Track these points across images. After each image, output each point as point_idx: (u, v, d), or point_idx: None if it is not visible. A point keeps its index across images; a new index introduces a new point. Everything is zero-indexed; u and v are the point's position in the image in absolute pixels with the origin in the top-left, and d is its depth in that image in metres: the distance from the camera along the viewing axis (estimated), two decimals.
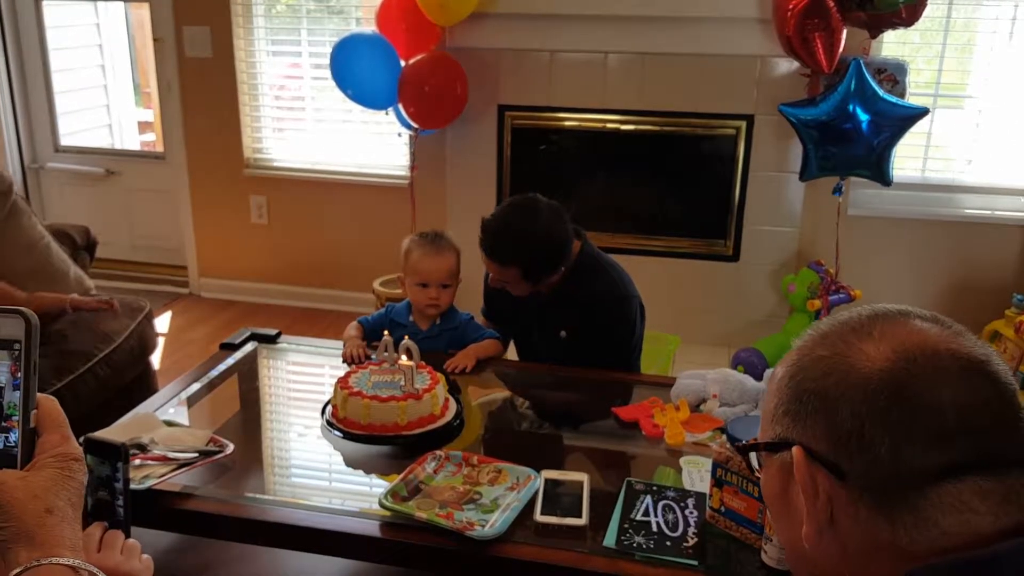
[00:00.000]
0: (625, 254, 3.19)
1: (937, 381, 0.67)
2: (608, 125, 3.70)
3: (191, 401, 2.04)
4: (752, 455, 0.80)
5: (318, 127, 4.25)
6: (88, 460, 1.04)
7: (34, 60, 4.51)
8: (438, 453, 1.70)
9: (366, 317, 2.42)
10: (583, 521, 1.51)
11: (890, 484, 0.66)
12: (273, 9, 4.16)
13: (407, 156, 3.88)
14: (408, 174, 3.90)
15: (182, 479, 1.62)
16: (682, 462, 1.74)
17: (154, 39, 4.23)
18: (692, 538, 1.47)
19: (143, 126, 5.63)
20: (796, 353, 0.75)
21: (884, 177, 3.18)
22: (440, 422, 1.86)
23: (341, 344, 2.30)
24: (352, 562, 1.65)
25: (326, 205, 4.21)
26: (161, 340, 3.56)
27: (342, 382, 1.89)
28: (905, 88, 3.15)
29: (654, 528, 1.49)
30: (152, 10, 4.18)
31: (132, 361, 2.78)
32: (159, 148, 4.79)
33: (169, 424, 1.82)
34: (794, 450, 0.71)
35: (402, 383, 1.88)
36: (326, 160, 4.21)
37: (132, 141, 5.10)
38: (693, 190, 3.76)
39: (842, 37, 3.01)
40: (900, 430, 0.66)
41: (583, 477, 1.62)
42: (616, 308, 2.26)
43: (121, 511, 1.02)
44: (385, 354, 1.98)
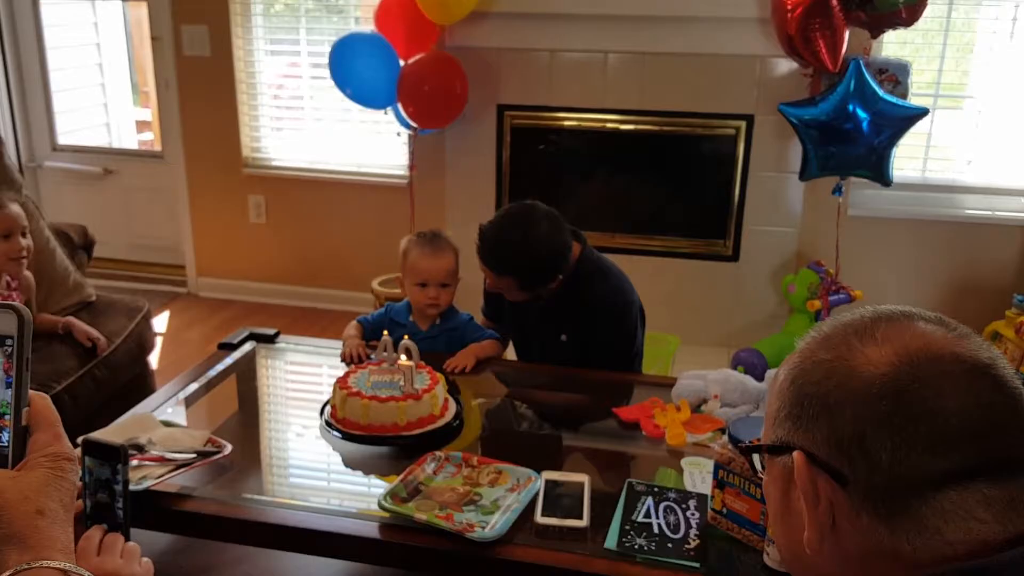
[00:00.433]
0: (624, 254, 3.18)
1: (940, 385, 0.65)
2: (608, 125, 3.69)
3: (189, 401, 2.02)
4: (755, 457, 0.79)
5: (317, 126, 4.23)
6: (87, 462, 1.03)
7: (31, 58, 4.50)
8: (438, 454, 1.69)
9: (366, 317, 2.41)
10: (584, 523, 1.50)
11: (892, 491, 0.65)
12: (272, 8, 4.15)
13: (406, 156, 3.87)
14: (407, 174, 3.89)
15: (180, 480, 1.61)
16: (683, 463, 1.73)
17: (152, 38, 4.22)
18: (694, 540, 1.46)
19: (141, 125, 5.62)
20: (798, 355, 0.74)
21: (884, 177, 3.17)
22: (440, 422, 1.85)
23: (340, 344, 2.29)
24: (351, 564, 1.64)
25: (325, 204, 4.20)
26: (159, 340, 3.54)
27: (341, 382, 1.88)
28: (907, 89, 3.14)
29: (655, 530, 1.48)
30: (150, 8, 4.16)
31: (130, 362, 2.77)
32: (157, 147, 4.77)
33: (167, 424, 1.80)
34: (795, 455, 0.70)
35: (401, 383, 1.87)
36: (325, 159, 4.19)
37: (130, 140, 5.08)
38: (693, 190, 3.74)
39: (845, 37, 3.00)
40: (902, 436, 0.64)
41: (584, 478, 1.61)
42: (616, 317, 2.25)
43: (121, 514, 1.01)
44: (384, 354, 1.97)
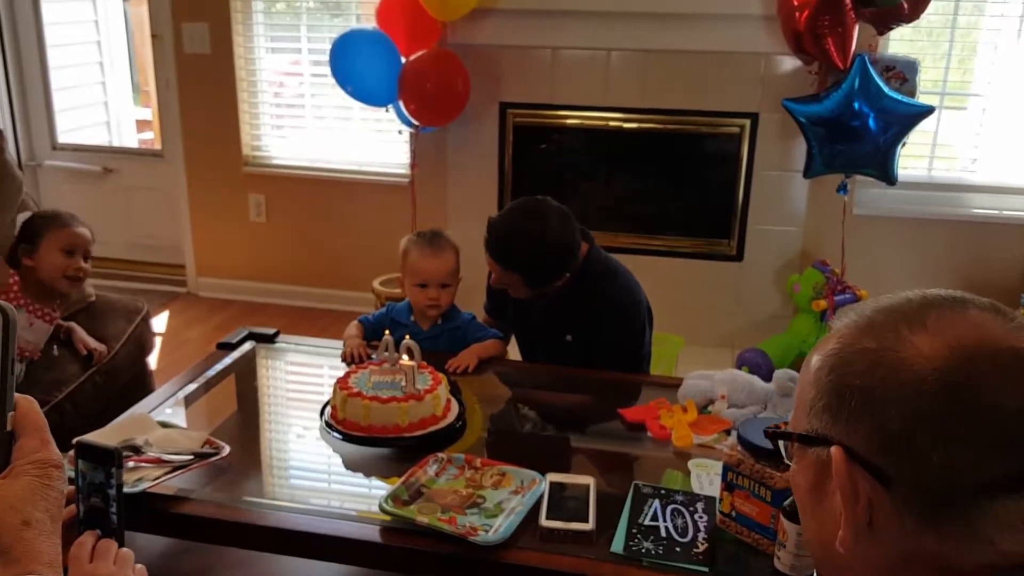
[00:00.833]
0: (627, 254, 3.14)
1: (998, 382, 0.61)
2: (611, 123, 3.66)
3: (187, 402, 1.99)
4: (781, 442, 0.74)
5: (317, 124, 4.21)
6: (80, 465, 1.00)
7: (32, 57, 4.47)
8: (440, 456, 1.66)
9: (367, 316, 2.38)
10: (590, 526, 1.47)
11: (940, 494, 0.61)
12: (273, 6, 4.12)
13: (407, 154, 3.84)
14: (408, 172, 3.86)
15: (177, 482, 1.58)
16: (691, 465, 1.70)
17: (152, 35, 4.20)
18: (702, 544, 1.43)
19: (142, 125, 5.59)
20: (837, 341, 0.68)
21: (889, 176, 3.14)
22: (442, 423, 1.82)
23: (340, 343, 2.26)
24: (352, 568, 1.60)
25: (326, 203, 4.17)
26: (158, 340, 3.51)
27: (341, 382, 1.85)
28: (916, 87, 3.11)
29: (663, 533, 1.45)
30: (150, 6, 4.13)
31: (129, 365, 2.74)
32: (157, 146, 4.75)
33: (164, 425, 1.77)
34: (833, 450, 0.65)
35: (403, 383, 1.84)
36: (326, 158, 4.17)
37: (130, 139, 5.06)
38: (696, 189, 3.72)
39: (854, 33, 2.97)
40: (955, 436, 0.60)
41: (589, 480, 1.58)
42: (623, 317, 2.22)
43: (115, 519, 0.98)
44: (386, 354, 1.94)
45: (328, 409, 1.87)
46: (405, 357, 1.88)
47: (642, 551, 1.41)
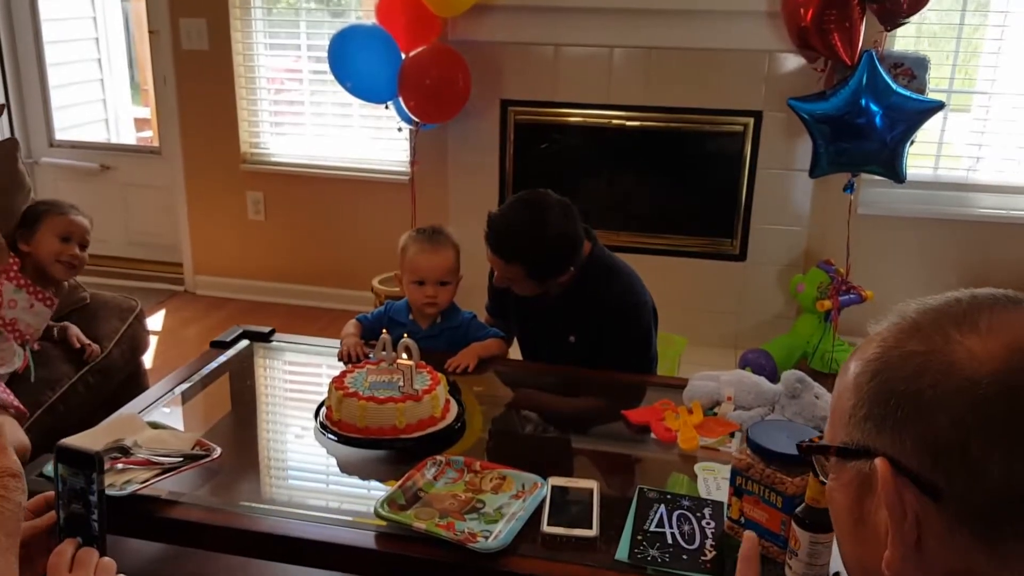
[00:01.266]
0: (629, 253, 3.09)
1: None
2: (613, 121, 3.62)
3: (180, 401, 1.95)
4: (816, 458, 0.68)
5: (316, 121, 4.16)
6: (60, 470, 0.95)
7: (29, 53, 4.43)
8: (438, 458, 1.62)
9: (365, 315, 2.34)
10: (593, 532, 1.42)
11: (998, 509, 0.55)
12: (273, 4, 4.08)
13: (407, 151, 3.80)
14: (408, 169, 3.82)
15: (167, 485, 1.53)
16: (697, 468, 1.65)
17: (150, 31, 4.15)
18: (710, 551, 1.38)
19: (140, 123, 5.55)
20: (878, 346, 0.63)
21: (897, 174, 3.09)
22: (441, 425, 1.77)
23: (337, 342, 2.22)
24: (345, 575, 1.56)
25: (325, 201, 4.13)
26: (154, 339, 3.47)
27: (337, 382, 1.80)
28: (924, 84, 3.06)
29: (669, 540, 1.41)
30: (148, 1, 4.09)
31: (123, 364, 2.69)
32: (155, 143, 4.70)
33: (154, 426, 1.72)
34: (878, 462, 0.60)
35: (401, 383, 1.80)
36: (325, 155, 4.12)
37: (128, 137, 5.02)
38: (699, 188, 3.67)
39: (861, 29, 2.92)
40: (1016, 445, 0.55)
41: (592, 484, 1.54)
42: (628, 318, 2.17)
43: (96, 526, 0.94)
44: (383, 353, 1.89)
45: (323, 410, 1.82)
46: (403, 356, 1.83)
47: (648, 558, 1.36)
